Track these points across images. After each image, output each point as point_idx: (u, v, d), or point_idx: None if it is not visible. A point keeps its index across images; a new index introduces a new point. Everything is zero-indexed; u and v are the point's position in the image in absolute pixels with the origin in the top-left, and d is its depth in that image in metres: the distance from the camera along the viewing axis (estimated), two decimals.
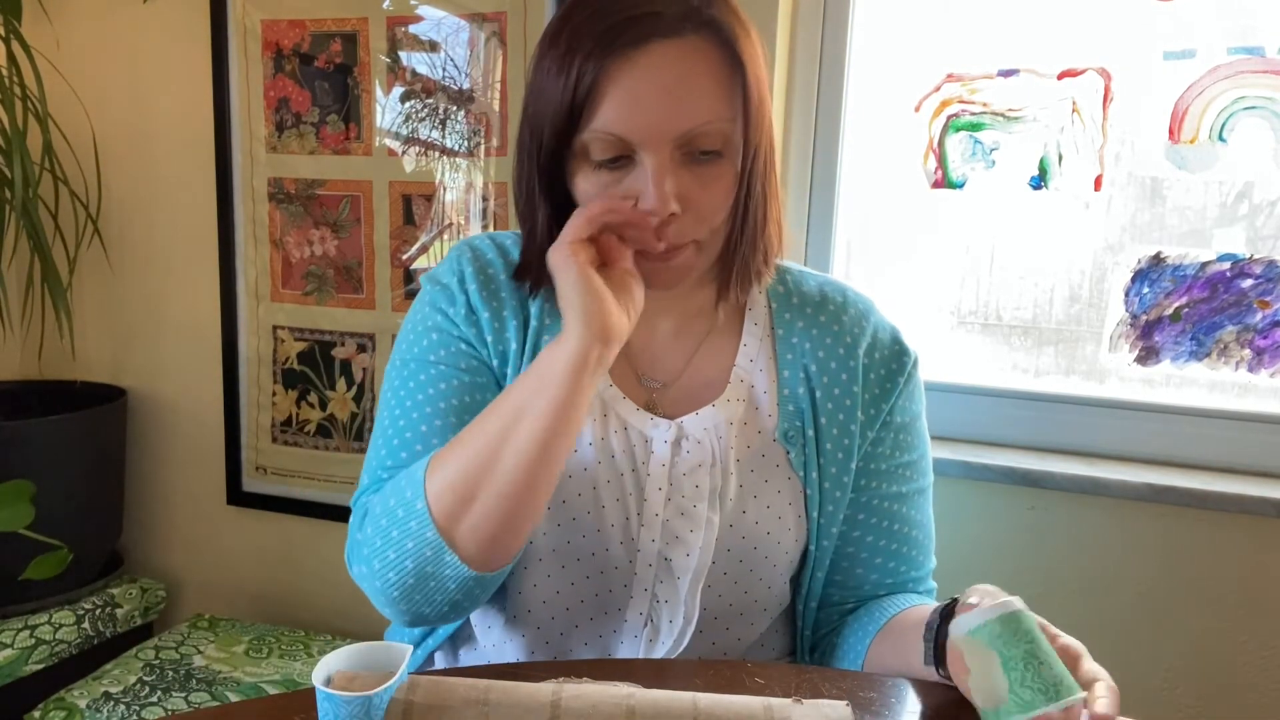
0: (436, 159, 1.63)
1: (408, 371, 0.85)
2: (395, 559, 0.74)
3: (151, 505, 1.95)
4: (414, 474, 0.75)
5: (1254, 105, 1.32)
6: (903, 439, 0.90)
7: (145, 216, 1.84)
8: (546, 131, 0.76)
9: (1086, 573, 1.39)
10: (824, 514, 0.86)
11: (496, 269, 0.87)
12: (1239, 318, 1.38)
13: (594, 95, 0.73)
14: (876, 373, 0.88)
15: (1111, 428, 1.42)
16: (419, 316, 0.88)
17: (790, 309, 0.90)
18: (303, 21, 1.66)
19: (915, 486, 0.91)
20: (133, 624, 1.82)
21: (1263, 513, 1.27)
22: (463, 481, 0.71)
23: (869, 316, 0.91)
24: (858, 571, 0.89)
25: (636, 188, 0.75)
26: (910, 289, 1.53)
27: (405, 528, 0.73)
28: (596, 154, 0.75)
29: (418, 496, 0.73)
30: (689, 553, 0.81)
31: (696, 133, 0.73)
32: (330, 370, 1.75)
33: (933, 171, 1.49)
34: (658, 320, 0.88)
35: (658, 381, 0.87)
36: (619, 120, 0.73)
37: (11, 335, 1.84)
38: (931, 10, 1.47)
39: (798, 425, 0.86)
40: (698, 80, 0.73)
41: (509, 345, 0.85)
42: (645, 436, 0.84)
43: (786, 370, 0.87)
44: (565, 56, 0.74)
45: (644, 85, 0.72)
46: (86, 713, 1.48)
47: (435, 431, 0.82)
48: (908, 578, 0.90)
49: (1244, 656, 1.34)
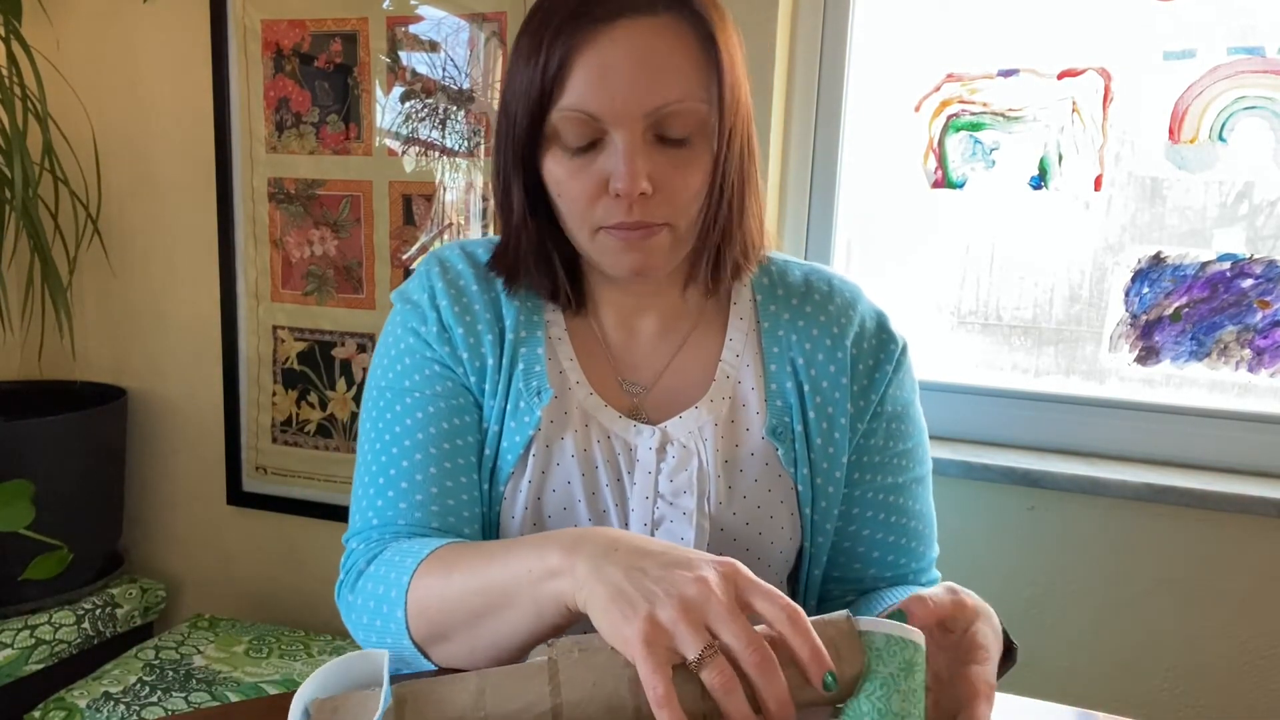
0: (436, 159, 1.63)
1: (384, 401, 0.84)
2: (377, 642, 0.75)
3: (151, 505, 1.95)
4: (401, 576, 0.72)
5: (1254, 105, 1.32)
6: (895, 427, 0.88)
7: (145, 216, 1.84)
8: (520, 113, 0.76)
9: (1086, 573, 1.39)
10: (818, 510, 0.84)
11: (468, 280, 0.86)
12: (1239, 318, 1.38)
13: (563, 71, 0.72)
14: (865, 363, 0.86)
15: (1111, 428, 1.42)
16: (391, 339, 0.87)
17: (775, 300, 0.88)
18: (303, 21, 1.66)
19: (912, 475, 0.88)
20: (133, 624, 1.82)
21: (1263, 513, 1.27)
22: (440, 618, 0.70)
23: (856, 305, 0.88)
24: (856, 565, 0.88)
25: (607, 168, 0.74)
26: (910, 289, 1.53)
27: (386, 627, 0.73)
28: (568, 138, 0.74)
29: (398, 605, 0.72)
30: None
31: (668, 111, 0.73)
32: (330, 370, 1.75)
33: (933, 171, 1.49)
34: (639, 322, 0.87)
35: (640, 385, 0.86)
36: (588, 96, 0.72)
37: (11, 335, 1.84)
38: (931, 10, 1.46)
39: (786, 421, 0.84)
40: (670, 57, 0.72)
41: (485, 360, 0.83)
42: (629, 445, 0.82)
43: (773, 364, 0.85)
44: (536, 35, 0.74)
45: (613, 60, 0.72)
46: (86, 713, 1.48)
47: (416, 466, 0.80)
48: (908, 569, 0.88)
49: (1244, 656, 1.34)
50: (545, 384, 0.83)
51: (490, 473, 0.83)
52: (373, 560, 0.77)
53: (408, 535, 0.79)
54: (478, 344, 0.84)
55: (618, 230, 0.76)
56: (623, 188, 0.73)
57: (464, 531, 0.81)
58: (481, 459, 0.84)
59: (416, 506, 0.80)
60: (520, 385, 0.83)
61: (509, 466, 0.82)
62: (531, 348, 0.84)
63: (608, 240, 0.77)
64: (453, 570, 0.70)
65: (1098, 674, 1.41)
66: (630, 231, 0.76)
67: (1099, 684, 1.41)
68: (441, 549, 0.73)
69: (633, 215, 0.74)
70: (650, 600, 0.55)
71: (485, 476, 0.83)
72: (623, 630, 0.55)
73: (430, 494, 0.80)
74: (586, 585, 0.59)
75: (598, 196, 0.75)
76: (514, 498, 0.82)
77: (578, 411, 0.83)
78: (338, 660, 0.59)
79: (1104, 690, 1.40)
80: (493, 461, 0.83)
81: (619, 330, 0.87)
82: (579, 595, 0.60)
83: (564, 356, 0.85)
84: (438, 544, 0.74)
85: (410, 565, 0.72)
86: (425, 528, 0.79)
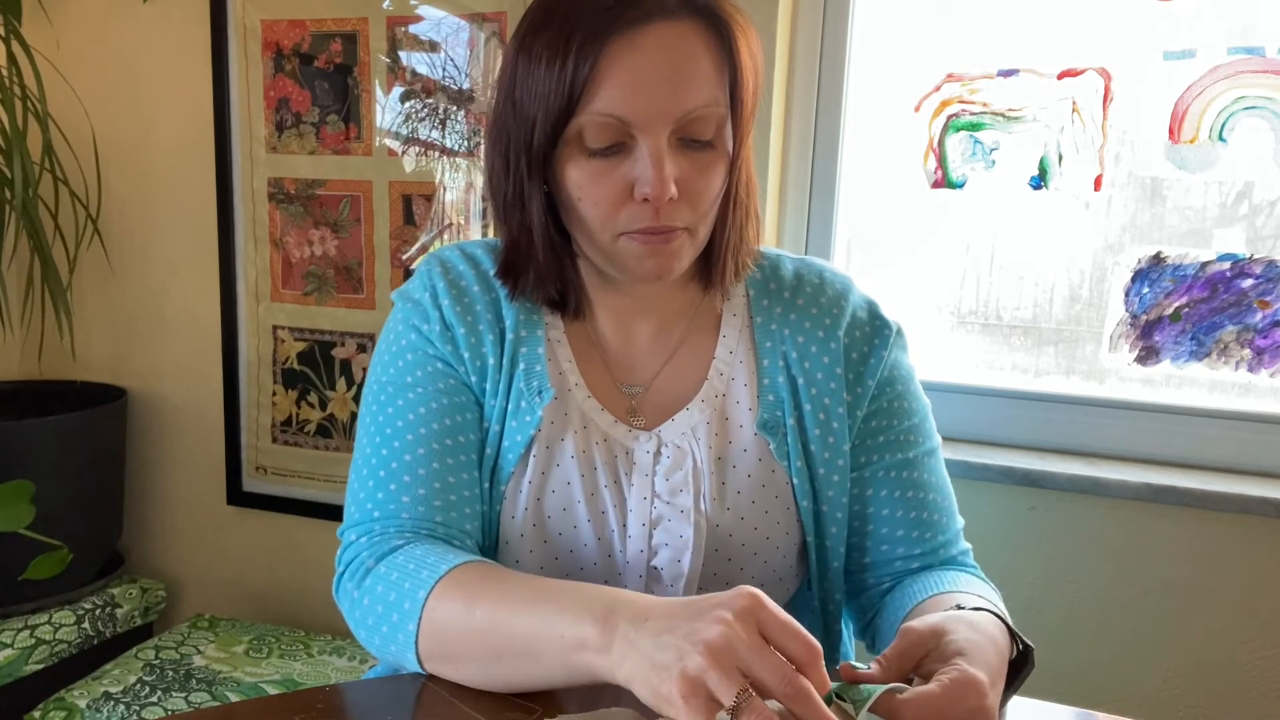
0: (436, 159, 1.63)
1: (385, 396, 0.84)
2: (380, 646, 0.75)
3: (151, 505, 1.95)
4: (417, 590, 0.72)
5: (1254, 105, 1.32)
6: (897, 406, 0.87)
7: (145, 216, 1.84)
8: (539, 118, 0.75)
9: (1086, 573, 1.39)
10: (823, 501, 0.84)
11: (469, 281, 0.86)
12: (1239, 318, 1.38)
13: (594, 76, 0.72)
14: (859, 350, 0.86)
15: (1111, 428, 1.42)
16: (393, 336, 0.87)
17: (768, 295, 0.88)
18: (303, 21, 1.66)
19: (922, 449, 0.88)
20: (133, 624, 1.82)
21: (1263, 513, 1.27)
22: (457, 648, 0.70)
23: (847, 295, 0.88)
24: (883, 548, 0.87)
25: (633, 174, 0.74)
26: (910, 289, 1.53)
27: (393, 635, 0.73)
28: (592, 140, 0.74)
29: (411, 618, 0.71)
30: (679, 558, 0.81)
31: (695, 116, 0.73)
32: (330, 370, 1.75)
33: (933, 171, 1.49)
34: (636, 324, 0.87)
35: (637, 386, 0.86)
36: (621, 102, 0.72)
37: (11, 335, 1.84)
38: (931, 10, 1.46)
39: (778, 415, 0.84)
40: (698, 63, 0.73)
41: (487, 360, 0.84)
42: (626, 449, 0.83)
43: (766, 360, 0.86)
44: (559, 39, 0.73)
45: (645, 66, 0.72)
46: (86, 713, 1.48)
47: (419, 460, 0.80)
48: (936, 544, 0.87)
49: (1244, 656, 1.34)
50: (546, 384, 0.83)
51: (491, 472, 0.83)
52: (382, 559, 0.77)
53: (410, 530, 0.79)
54: (479, 343, 0.84)
55: (641, 235, 0.76)
56: (652, 192, 0.73)
57: (465, 528, 0.81)
58: (482, 458, 0.84)
59: (419, 500, 0.79)
60: (521, 385, 0.83)
61: (510, 466, 0.82)
62: (532, 348, 0.84)
63: (630, 245, 0.77)
64: (475, 602, 0.69)
65: (1097, 674, 1.41)
66: (653, 236, 0.76)
67: (1099, 684, 1.41)
68: (461, 569, 0.72)
69: (659, 220, 0.75)
70: (682, 657, 0.56)
71: (486, 475, 0.83)
72: (663, 694, 0.56)
73: (433, 489, 0.80)
74: (626, 664, 0.60)
75: (622, 202, 0.76)
76: (514, 497, 0.82)
77: (577, 413, 0.83)
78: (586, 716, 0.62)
79: (1104, 690, 1.40)
80: (494, 461, 0.83)
81: (616, 334, 0.88)
82: (619, 673, 0.61)
83: (563, 359, 0.85)
84: (456, 560, 0.73)
85: (428, 580, 0.72)
86: (428, 521, 0.79)
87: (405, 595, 0.72)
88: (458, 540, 0.80)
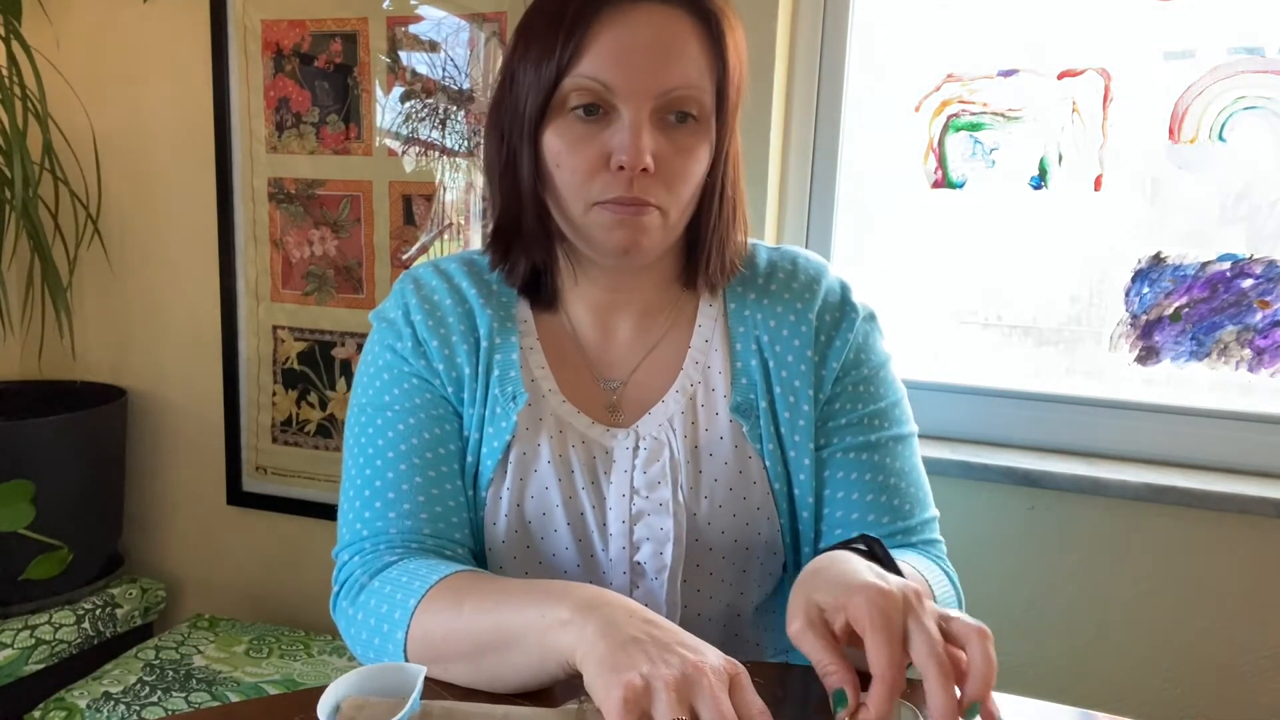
0: (436, 159, 1.63)
1: (365, 418, 0.85)
2: (373, 659, 0.76)
3: (151, 505, 1.95)
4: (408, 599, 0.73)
5: (1254, 105, 1.32)
6: (862, 390, 0.87)
7: (145, 216, 1.84)
8: (532, 86, 0.78)
9: (1086, 573, 1.39)
10: (795, 484, 0.84)
11: (441, 295, 0.87)
12: (1239, 318, 1.38)
13: (584, 42, 0.75)
14: (827, 334, 0.87)
15: (1111, 428, 1.42)
16: (370, 357, 0.88)
17: (742, 283, 0.89)
18: (303, 21, 1.66)
19: (887, 434, 0.87)
20: (133, 624, 1.82)
21: (1263, 513, 1.27)
22: (444, 647, 0.71)
23: (820, 280, 0.89)
24: (837, 531, 0.85)
25: (611, 143, 0.76)
26: (910, 289, 1.53)
27: (384, 646, 0.74)
28: (575, 101, 0.76)
29: (400, 627, 0.73)
30: (660, 550, 0.81)
31: (677, 95, 0.76)
32: (330, 370, 1.75)
33: (933, 171, 1.49)
34: (616, 321, 0.88)
35: (616, 381, 0.87)
36: (605, 68, 0.75)
37: (11, 335, 1.84)
38: (931, 10, 1.46)
39: (751, 398, 0.85)
40: (686, 46, 0.76)
41: (462, 371, 0.85)
42: (606, 448, 0.84)
43: (739, 343, 0.87)
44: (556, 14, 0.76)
45: (634, 38, 0.75)
46: (86, 713, 1.48)
47: (402, 476, 0.82)
48: (895, 528, 0.85)
49: (1244, 656, 1.34)
50: (520, 388, 0.84)
51: (474, 479, 0.85)
52: (377, 574, 0.78)
53: (401, 545, 0.80)
54: (453, 354, 0.85)
55: (613, 205, 0.77)
56: (627, 160, 0.75)
57: (455, 537, 0.82)
58: (464, 466, 0.85)
59: (406, 515, 0.81)
60: (496, 391, 0.84)
61: (489, 473, 0.83)
62: (506, 353, 0.86)
63: (601, 215, 0.78)
64: (464, 601, 0.71)
65: (1097, 674, 1.41)
66: (624, 207, 0.77)
67: (1099, 684, 1.41)
68: (453, 577, 0.73)
69: (631, 190, 0.76)
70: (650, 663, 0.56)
71: (469, 483, 0.85)
72: (608, 685, 0.56)
73: (418, 503, 0.81)
74: (588, 641, 0.60)
75: (598, 170, 0.77)
76: (495, 504, 0.83)
77: (552, 418, 0.84)
78: (376, 666, 0.61)
79: (1104, 690, 1.40)
80: (475, 468, 0.85)
81: (595, 330, 0.88)
82: (578, 650, 0.60)
83: (535, 365, 0.86)
84: (449, 570, 0.74)
85: (419, 589, 0.73)
86: (417, 534, 0.80)
87: (396, 605, 0.74)
88: (449, 550, 0.81)
